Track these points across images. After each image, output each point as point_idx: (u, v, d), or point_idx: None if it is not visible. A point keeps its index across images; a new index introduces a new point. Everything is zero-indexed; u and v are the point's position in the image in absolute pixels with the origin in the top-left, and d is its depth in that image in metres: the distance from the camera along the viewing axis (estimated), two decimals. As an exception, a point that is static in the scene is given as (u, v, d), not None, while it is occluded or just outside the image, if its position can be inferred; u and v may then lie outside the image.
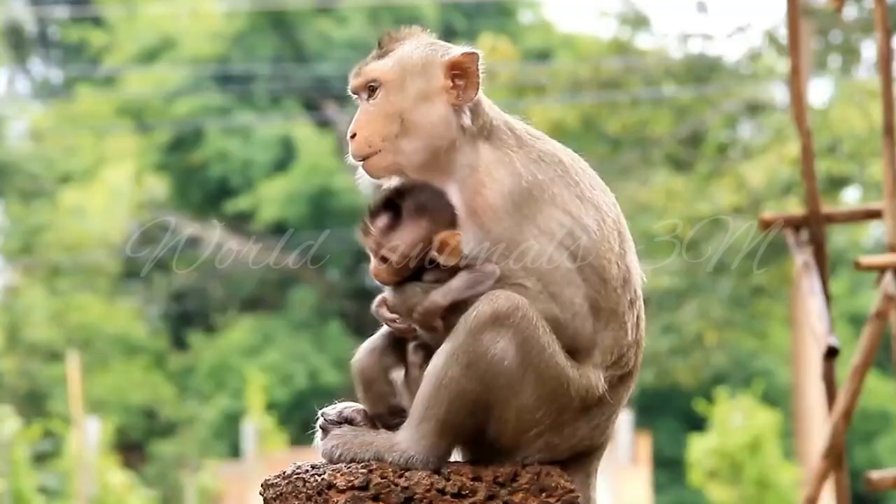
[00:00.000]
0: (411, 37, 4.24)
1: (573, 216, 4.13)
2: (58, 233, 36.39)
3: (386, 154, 4.14)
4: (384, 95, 4.16)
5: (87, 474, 24.02)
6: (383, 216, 4.13)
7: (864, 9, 25.57)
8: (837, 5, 7.77)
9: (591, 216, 4.16)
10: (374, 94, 4.17)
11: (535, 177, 4.14)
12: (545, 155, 4.20)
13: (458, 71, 4.16)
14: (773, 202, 23.69)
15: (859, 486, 9.47)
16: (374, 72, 4.18)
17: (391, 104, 4.15)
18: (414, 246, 4.09)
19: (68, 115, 41.69)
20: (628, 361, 4.20)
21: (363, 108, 4.18)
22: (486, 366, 4.01)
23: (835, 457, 7.44)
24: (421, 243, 4.08)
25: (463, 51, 4.18)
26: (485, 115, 4.20)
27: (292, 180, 39.00)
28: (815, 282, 7.59)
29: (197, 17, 41.97)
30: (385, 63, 4.18)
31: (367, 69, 4.19)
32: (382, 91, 4.16)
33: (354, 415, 4.23)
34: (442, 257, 4.08)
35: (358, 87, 4.21)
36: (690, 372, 27.83)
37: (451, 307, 4.04)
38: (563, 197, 4.15)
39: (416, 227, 4.10)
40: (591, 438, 4.20)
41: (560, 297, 4.07)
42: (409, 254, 4.09)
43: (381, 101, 4.16)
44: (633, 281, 4.23)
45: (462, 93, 4.16)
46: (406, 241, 4.09)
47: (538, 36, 41.50)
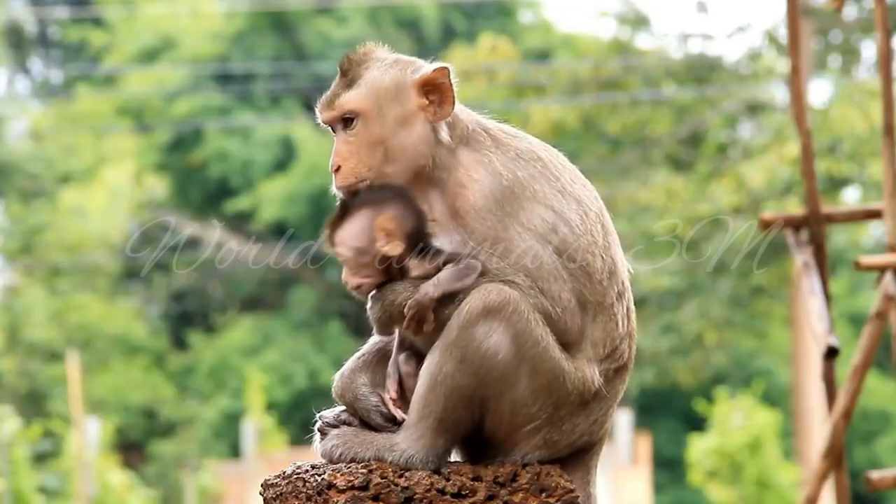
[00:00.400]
0: (373, 58, 4.22)
1: (555, 211, 4.16)
2: (58, 233, 36.39)
3: (372, 181, 4.17)
4: (363, 126, 4.16)
5: (87, 474, 24.02)
6: (334, 219, 4.17)
7: (864, 9, 25.57)
8: (837, 5, 7.77)
9: (573, 210, 4.18)
10: (352, 124, 4.17)
11: (516, 174, 4.16)
12: (523, 152, 4.23)
13: (430, 87, 4.17)
14: (773, 202, 23.68)
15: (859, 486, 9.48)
16: (349, 103, 4.16)
17: (371, 134, 4.16)
18: (358, 236, 4.11)
19: (68, 114, 41.69)
20: (622, 354, 4.22)
21: (342, 138, 4.17)
22: (481, 360, 4.03)
23: (835, 457, 7.45)
24: (365, 233, 4.11)
25: (433, 67, 4.19)
26: (460, 123, 4.22)
27: (292, 180, 39.00)
28: (815, 282, 7.59)
29: (197, 17, 41.97)
30: (358, 93, 4.17)
31: (341, 102, 4.17)
32: (360, 121, 4.16)
33: (352, 419, 4.23)
34: (386, 246, 4.10)
35: (332, 120, 4.20)
36: (690, 372, 27.84)
37: (439, 303, 4.05)
38: (545, 193, 4.17)
39: (358, 219, 4.13)
40: (591, 434, 4.21)
41: (549, 293, 4.09)
42: (357, 245, 4.12)
43: (360, 132, 4.16)
44: (620, 273, 4.24)
45: (438, 109, 4.18)
46: (350, 232, 4.13)
47: (538, 36, 41.49)
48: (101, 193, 36.92)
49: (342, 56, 4.24)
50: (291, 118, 40.43)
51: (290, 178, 39.07)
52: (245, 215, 39.11)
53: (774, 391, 32.98)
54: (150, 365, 38.25)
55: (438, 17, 41.14)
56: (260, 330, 38.96)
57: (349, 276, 4.18)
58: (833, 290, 8.09)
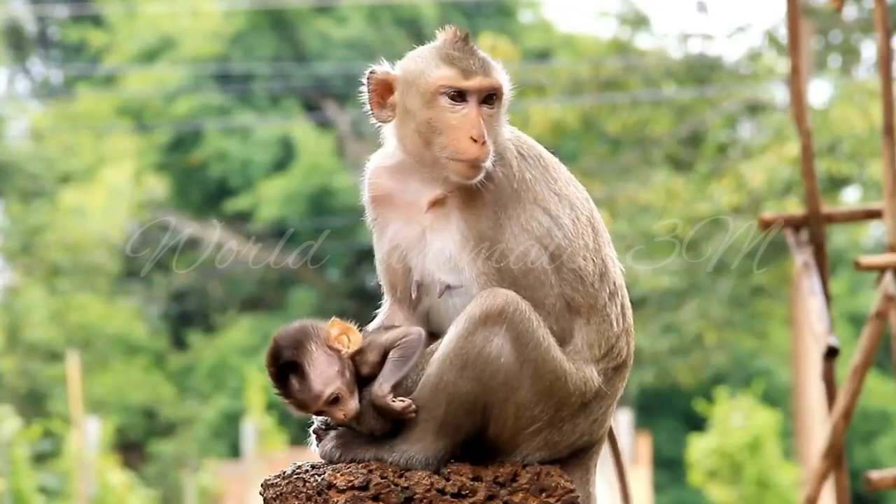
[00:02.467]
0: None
1: (551, 215, 4.17)
2: (58, 233, 36.36)
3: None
4: (499, 108, 4.19)
5: (87, 474, 24.01)
6: (292, 379, 4.12)
7: (864, 9, 25.57)
8: (837, 5, 7.77)
9: (566, 214, 4.19)
10: (492, 102, 4.17)
11: (524, 175, 4.17)
12: (531, 149, 4.25)
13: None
14: (773, 202, 23.67)
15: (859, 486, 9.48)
16: (500, 82, 4.19)
17: (500, 119, 4.21)
18: (325, 365, 4.09)
19: (68, 114, 41.68)
20: (620, 351, 4.23)
21: (484, 113, 4.15)
22: (483, 365, 4.03)
23: (835, 457, 7.44)
24: (327, 358, 4.10)
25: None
26: None
27: (292, 180, 38.99)
28: (815, 282, 7.59)
29: (197, 17, 41.96)
30: (503, 76, 4.20)
31: (497, 77, 4.19)
32: (499, 103, 4.19)
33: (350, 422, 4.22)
34: (344, 348, 4.12)
35: (486, 89, 4.17)
36: (690, 372, 27.82)
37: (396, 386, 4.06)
38: (544, 195, 4.19)
39: (311, 358, 4.11)
40: (591, 434, 4.22)
41: (532, 298, 4.09)
42: (334, 370, 4.09)
43: (495, 114, 4.18)
44: (611, 273, 4.25)
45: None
46: (319, 371, 4.09)
47: (538, 36, 41.48)
48: (101, 193, 36.89)
49: (462, 30, 4.24)
50: (291, 118, 40.42)
51: (290, 177, 39.06)
52: (245, 215, 39.11)
53: (774, 391, 32.97)
54: (150, 365, 38.24)
55: (438, 16, 41.12)
56: (260, 330, 38.93)
57: (339, 411, 4.11)
58: (833, 290, 8.09)
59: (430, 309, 4.25)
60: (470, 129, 4.10)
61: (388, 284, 4.35)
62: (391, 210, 4.28)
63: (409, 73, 4.20)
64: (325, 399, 4.07)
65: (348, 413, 4.09)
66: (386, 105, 4.23)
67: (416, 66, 4.19)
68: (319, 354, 4.10)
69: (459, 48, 4.17)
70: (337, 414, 4.09)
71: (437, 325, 4.24)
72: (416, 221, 4.23)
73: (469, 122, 4.10)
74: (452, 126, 4.12)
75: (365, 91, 4.23)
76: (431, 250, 4.20)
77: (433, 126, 4.13)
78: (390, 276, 4.32)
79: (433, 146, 4.14)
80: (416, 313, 4.29)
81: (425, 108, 4.14)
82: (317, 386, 4.07)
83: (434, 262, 4.19)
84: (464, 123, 4.11)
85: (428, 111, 4.14)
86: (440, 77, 4.14)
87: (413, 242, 4.23)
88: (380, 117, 4.25)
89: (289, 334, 4.13)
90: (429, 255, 4.20)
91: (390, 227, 4.28)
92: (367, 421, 4.11)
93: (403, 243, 4.25)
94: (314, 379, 4.08)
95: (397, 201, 4.27)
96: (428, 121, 4.14)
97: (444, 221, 4.17)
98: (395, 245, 4.27)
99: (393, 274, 4.31)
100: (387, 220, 4.29)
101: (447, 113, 4.12)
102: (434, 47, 4.22)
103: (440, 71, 4.14)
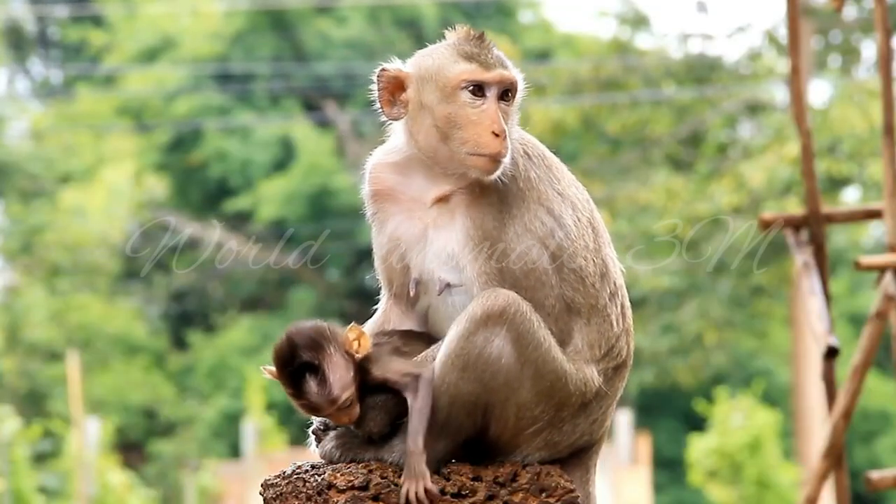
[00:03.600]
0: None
1: (554, 216, 4.17)
2: (58, 233, 36.35)
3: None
4: (514, 105, 4.20)
5: (87, 474, 24.01)
6: (309, 381, 4.08)
7: (864, 9, 25.57)
8: (837, 5, 7.77)
9: (568, 214, 4.19)
10: (508, 98, 4.17)
11: (529, 175, 4.17)
12: (535, 148, 4.26)
13: None
14: (773, 202, 23.67)
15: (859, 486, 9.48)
16: (516, 78, 4.21)
17: (514, 116, 4.22)
18: (341, 370, 4.06)
19: (68, 114, 41.67)
20: (620, 351, 4.23)
21: (501, 108, 4.16)
22: (484, 366, 4.02)
23: (835, 457, 7.44)
24: (343, 362, 4.06)
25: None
26: None
27: (292, 180, 38.99)
28: (815, 282, 7.59)
29: (197, 17, 41.96)
30: (517, 73, 4.21)
31: (514, 73, 4.20)
32: (513, 100, 4.20)
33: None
34: (357, 353, 4.08)
35: (505, 82, 4.18)
36: (690, 372, 27.82)
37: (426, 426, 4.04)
38: (548, 195, 4.19)
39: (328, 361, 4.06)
40: (591, 434, 4.22)
41: (532, 299, 4.09)
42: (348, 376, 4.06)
43: (511, 110, 4.20)
44: (611, 273, 4.25)
45: None
46: (337, 375, 4.06)
47: (538, 36, 41.48)
48: (101, 193, 36.89)
49: (475, 29, 4.23)
50: (291, 118, 40.41)
51: (290, 177, 39.06)
52: (245, 215, 39.10)
53: (774, 391, 32.97)
54: (150, 365, 38.23)
55: (438, 16, 41.11)
56: (260, 330, 38.92)
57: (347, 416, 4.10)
58: (833, 290, 8.09)
59: (430, 307, 4.25)
60: (491, 124, 4.11)
61: (385, 280, 4.34)
62: (392, 205, 4.26)
63: (425, 69, 4.19)
64: (341, 404, 4.05)
65: (352, 417, 4.09)
66: (397, 102, 4.22)
67: (434, 62, 4.18)
68: (338, 358, 4.07)
69: (476, 45, 4.17)
70: (343, 418, 4.08)
71: (435, 324, 4.24)
72: (419, 217, 4.22)
73: (489, 116, 4.11)
74: (473, 121, 4.12)
75: (375, 89, 4.22)
76: (433, 247, 4.19)
77: (452, 121, 4.13)
78: (388, 271, 4.31)
79: (452, 141, 4.13)
80: (414, 311, 4.29)
81: (444, 104, 4.14)
82: (336, 390, 4.04)
83: (435, 259, 4.18)
84: (484, 118, 4.12)
85: (447, 106, 4.14)
86: (462, 71, 4.14)
87: (414, 239, 4.22)
88: (390, 115, 4.23)
89: (306, 334, 4.08)
90: (429, 252, 4.19)
91: (390, 221, 4.27)
92: (365, 424, 4.10)
93: (404, 239, 4.24)
94: (333, 383, 4.05)
95: (399, 196, 4.25)
96: (447, 116, 4.13)
97: (448, 218, 4.17)
98: (394, 240, 4.26)
99: (391, 269, 4.30)
100: (387, 215, 4.28)
101: (467, 108, 4.13)
102: (449, 44, 4.22)
103: (460, 66, 4.14)
